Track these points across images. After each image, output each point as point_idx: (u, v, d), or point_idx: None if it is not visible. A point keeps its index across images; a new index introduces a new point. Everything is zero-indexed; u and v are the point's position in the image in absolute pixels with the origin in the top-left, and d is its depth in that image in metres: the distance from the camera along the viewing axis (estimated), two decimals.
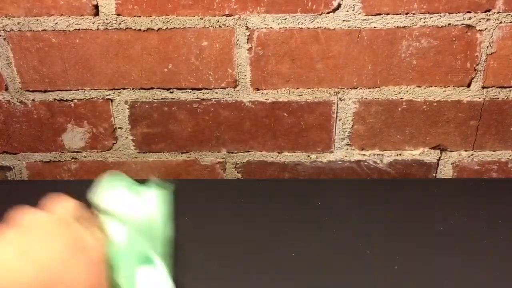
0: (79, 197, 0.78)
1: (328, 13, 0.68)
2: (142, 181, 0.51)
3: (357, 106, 0.75)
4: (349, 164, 0.80)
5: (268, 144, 0.78)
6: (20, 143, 0.80)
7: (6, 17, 0.70)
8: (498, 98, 0.73)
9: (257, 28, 0.70)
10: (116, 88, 0.75)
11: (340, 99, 0.74)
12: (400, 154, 0.78)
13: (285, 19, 0.69)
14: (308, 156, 0.79)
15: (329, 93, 0.74)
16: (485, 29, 0.68)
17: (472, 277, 0.57)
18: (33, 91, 0.76)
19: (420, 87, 0.73)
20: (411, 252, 0.61)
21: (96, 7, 0.69)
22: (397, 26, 0.69)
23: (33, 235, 0.36)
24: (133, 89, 0.75)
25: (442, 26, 0.68)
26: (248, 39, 0.70)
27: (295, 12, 0.68)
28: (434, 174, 0.80)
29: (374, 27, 0.69)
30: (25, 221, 0.38)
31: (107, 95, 0.75)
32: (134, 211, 0.46)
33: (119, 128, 0.78)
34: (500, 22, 0.68)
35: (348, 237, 0.65)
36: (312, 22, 0.69)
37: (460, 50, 0.70)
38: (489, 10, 0.67)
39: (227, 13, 0.69)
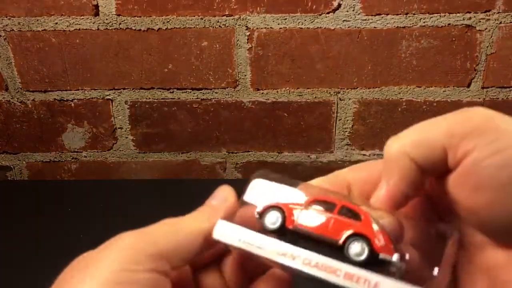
0: (79, 197, 0.78)
1: (328, 13, 0.68)
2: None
3: (357, 106, 0.75)
4: (349, 164, 0.79)
5: (268, 144, 0.78)
6: (20, 143, 0.80)
7: (6, 17, 0.70)
8: (498, 98, 0.73)
9: (257, 28, 0.70)
10: (116, 88, 0.75)
11: (340, 99, 0.74)
12: None
13: (285, 19, 0.69)
14: (308, 156, 0.79)
15: (329, 93, 0.74)
16: (485, 29, 0.68)
17: None
18: (33, 91, 0.76)
19: (420, 87, 0.73)
20: None
21: (96, 7, 0.69)
22: (397, 26, 0.69)
23: None
24: (133, 89, 0.75)
25: (442, 26, 0.68)
26: (248, 39, 0.70)
27: (295, 12, 0.68)
28: None
29: (374, 27, 0.69)
30: None
31: (107, 95, 0.75)
32: None
33: (119, 128, 0.78)
34: (500, 22, 0.68)
35: None
36: (312, 22, 0.69)
37: (460, 50, 0.70)
38: (489, 10, 0.67)
39: (227, 13, 0.69)
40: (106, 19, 0.70)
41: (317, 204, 0.29)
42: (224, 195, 0.31)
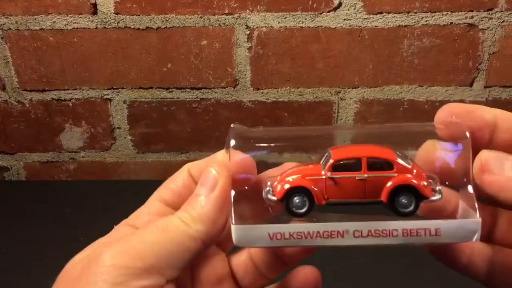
0: (77, 198, 0.77)
1: (329, 11, 0.67)
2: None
3: (358, 106, 0.74)
4: None
5: None
6: (18, 143, 0.79)
7: (3, 16, 0.69)
8: (500, 98, 0.72)
9: (257, 27, 0.69)
10: (114, 87, 0.74)
11: (341, 99, 0.73)
12: None
13: (286, 18, 0.68)
14: (309, 156, 0.78)
15: (330, 92, 0.73)
16: (488, 28, 0.67)
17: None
18: (30, 91, 0.75)
19: (422, 86, 0.72)
20: (410, 252, 0.60)
21: (95, 5, 0.68)
22: (399, 25, 0.68)
23: None
24: (132, 88, 0.74)
25: (444, 25, 0.68)
26: (248, 38, 0.70)
27: (296, 10, 0.68)
28: None
29: (376, 26, 0.68)
30: None
31: (105, 94, 0.75)
32: None
33: (117, 128, 0.77)
34: (503, 21, 0.67)
35: None
36: (312, 21, 0.68)
37: (463, 49, 0.69)
38: (491, 9, 0.66)
39: (227, 12, 0.68)
40: (105, 18, 0.69)
41: (339, 166, 0.26)
42: (211, 178, 0.27)
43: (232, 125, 0.28)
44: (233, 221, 0.25)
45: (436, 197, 0.26)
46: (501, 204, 0.26)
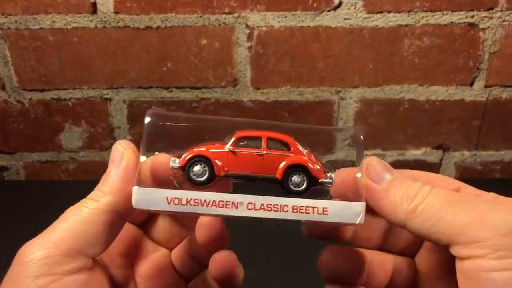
0: (76, 197, 0.77)
1: (329, 11, 0.67)
2: None
3: (358, 106, 0.74)
4: (351, 164, 0.78)
5: None
6: (17, 143, 0.79)
7: (3, 15, 0.69)
8: (501, 97, 0.72)
9: (257, 26, 0.69)
10: (114, 87, 0.74)
11: (342, 98, 0.73)
12: (402, 154, 0.78)
13: (286, 17, 0.68)
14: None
15: (330, 92, 0.73)
16: (488, 27, 0.67)
17: None
18: (30, 90, 0.75)
19: (422, 86, 0.72)
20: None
21: (94, 5, 0.68)
22: (399, 25, 0.68)
23: None
24: (131, 88, 0.74)
25: (445, 25, 0.67)
26: (248, 37, 0.69)
27: (296, 10, 0.67)
28: None
29: (376, 26, 0.68)
30: None
31: (105, 94, 0.74)
32: None
33: (117, 127, 0.77)
34: (503, 21, 0.67)
35: None
36: (313, 20, 0.68)
37: (463, 49, 0.69)
38: (492, 8, 0.66)
39: (226, 11, 0.68)
40: (104, 17, 0.69)
41: (241, 142, 0.28)
42: (118, 154, 0.29)
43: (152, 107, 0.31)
44: (136, 184, 0.27)
45: (328, 180, 0.29)
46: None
